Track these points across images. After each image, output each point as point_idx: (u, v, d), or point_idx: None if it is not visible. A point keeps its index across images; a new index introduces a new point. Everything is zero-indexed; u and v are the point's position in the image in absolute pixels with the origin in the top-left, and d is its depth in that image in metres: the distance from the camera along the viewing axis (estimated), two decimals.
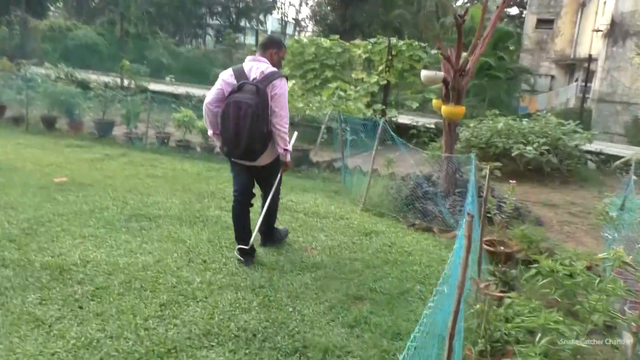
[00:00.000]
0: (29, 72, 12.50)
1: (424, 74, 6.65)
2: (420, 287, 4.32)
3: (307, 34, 36.26)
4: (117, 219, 5.36)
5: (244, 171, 4.62)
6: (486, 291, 3.98)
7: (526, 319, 2.83)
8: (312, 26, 38.97)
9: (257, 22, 46.65)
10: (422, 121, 12.89)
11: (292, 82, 11.64)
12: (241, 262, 4.47)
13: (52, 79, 12.87)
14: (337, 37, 13.48)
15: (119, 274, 4.06)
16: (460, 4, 44.90)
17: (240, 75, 4.29)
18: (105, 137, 9.96)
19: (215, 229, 5.28)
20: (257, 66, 4.35)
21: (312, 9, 41.48)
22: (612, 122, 18.36)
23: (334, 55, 13.25)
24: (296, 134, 5.20)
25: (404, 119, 13.01)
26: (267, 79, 4.23)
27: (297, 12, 43.36)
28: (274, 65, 4.46)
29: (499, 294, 3.93)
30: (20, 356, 2.93)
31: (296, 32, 42.89)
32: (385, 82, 12.49)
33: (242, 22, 44.58)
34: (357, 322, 3.58)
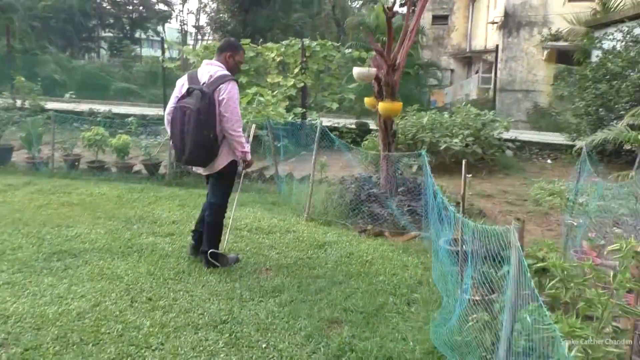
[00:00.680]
0: None
1: (357, 71, 6.39)
2: (392, 299, 4.02)
3: (208, 41, 35.24)
4: (35, 259, 4.62)
5: (207, 181, 4.64)
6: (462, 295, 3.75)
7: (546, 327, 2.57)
8: (212, 34, 37.99)
9: (154, 33, 44.87)
10: (342, 122, 12.73)
11: None
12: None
13: None
14: (249, 41, 12.99)
15: (50, 327, 3.41)
16: (357, 5, 45.88)
17: (192, 80, 4.20)
18: (3, 165, 8.84)
19: (153, 259, 4.68)
20: (207, 70, 4.23)
21: (210, 16, 40.51)
22: (514, 110, 19.24)
23: (246, 60, 12.74)
24: (254, 126, 4.83)
25: (325, 121, 12.77)
26: (214, 83, 4.11)
27: (197, 20, 41.84)
28: (229, 69, 4.33)
29: (476, 298, 3.72)
30: None
31: (198, 40, 41.68)
32: (302, 84, 12.19)
33: (137, 34, 42.64)
34: (342, 350, 3.20)
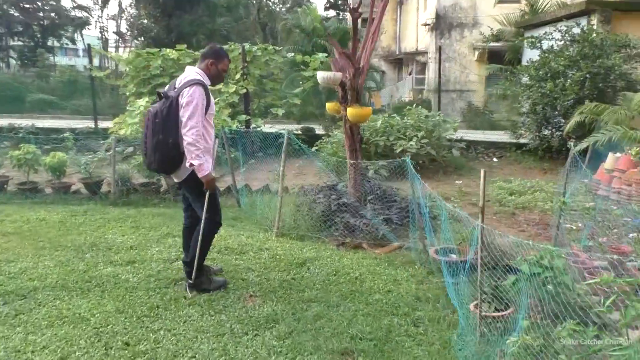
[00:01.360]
0: None
1: (322, 75, 6.04)
2: (397, 320, 3.70)
3: (131, 48, 33.79)
4: None
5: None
6: (478, 312, 3.49)
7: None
8: (135, 40, 36.50)
9: (69, 41, 42.58)
10: (288, 128, 12.33)
11: (145, 100, 10.32)
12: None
13: None
14: (184, 46, 12.33)
15: None
16: (283, 9, 45.65)
17: (171, 86, 4.04)
18: None
19: (119, 294, 4.12)
20: (184, 75, 4.01)
21: (131, 22, 38.97)
22: (450, 110, 19.54)
23: (183, 66, 12.09)
24: (217, 140, 4.32)
25: (269, 127, 12.36)
26: (180, 88, 3.89)
27: (117, 26, 40.12)
28: (211, 77, 4.08)
29: (495, 314, 3.47)
30: None
31: (120, 47, 39.93)
32: (244, 90, 11.69)
33: (50, 42, 40.27)
34: None
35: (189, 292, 4.11)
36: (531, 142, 11.11)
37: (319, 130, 13.64)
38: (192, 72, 4.00)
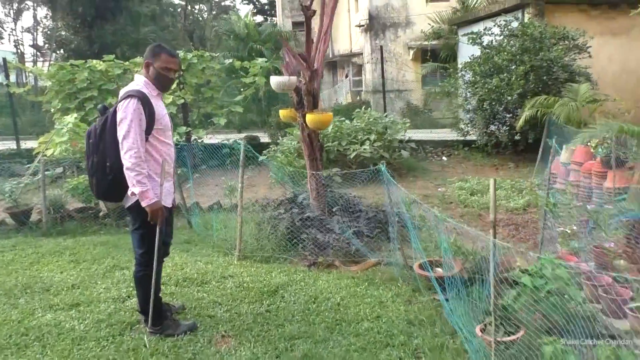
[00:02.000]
0: None
1: (276, 80, 5.55)
2: (396, 353, 3.28)
3: (50, 62, 31.85)
4: None
5: None
6: (485, 337, 3.13)
7: None
8: (54, 53, 34.47)
9: None
10: (232, 138, 11.75)
11: (74, 116, 9.43)
12: None
13: None
14: (113, 57, 11.47)
15: None
16: (209, 16, 44.66)
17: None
18: None
19: (64, 347, 3.47)
20: (128, 86, 3.45)
21: (48, 34, 36.81)
22: (389, 110, 19.45)
23: (113, 78, 11.25)
24: (168, 165, 3.62)
25: (211, 138, 11.72)
26: (117, 102, 3.35)
27: (34, 39, 37.92)
28: (153, 81, 3.46)
29: (509, 339, 3.11)
30: None
31: (39, 61, 37.62)
32: (182, 101, 10.99)
33: None
34: None
35: (149, 339, 3.52)
36: (479, 138, 11.06)
37: (264, 138, 13.10)
38: (133, 82, 3.44)
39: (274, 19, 36.97)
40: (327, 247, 5.13)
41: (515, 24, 10.53)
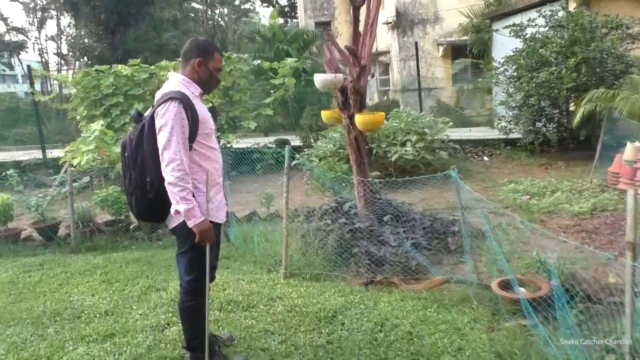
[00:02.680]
0: None
1: (321, 78, 5.05)
2: None
3: (74, 70, 31.87)
4: None
5: None
6: None
7: None
8: (77, 61, 34.55)
9: (4, 66, 40.03)
10: (262, 142, 11.30)
11: (100, 123, 9.06)
12: None
13: None
14: (138, 61, 11.12)
15: None
16: (227, 20, 44.53)
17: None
18: None
19: None
20: (164, 87, 2.91)
21: (71, 42, 36.95)
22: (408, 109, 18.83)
23: (139, 83, 10.89)
24: (217, 174, 3.12)
25: (242, 143, 11.30)
26: (155, 106, 2.82)
27: (58, 47, 38.13)
28: (201, 82, 2.94)
29: None
30: None
31: (63, 69, 37.78)
32: (210, 104, 10.56)
33: None
34: None
35: None
36: (523, 136, 10.42)
37: (294, 141, 12.62)
38: (171, 82, 2.91)
39: (294, 20, 36.57)
40: (383, 263, 4.59)
41: (561, 14, 9.87)
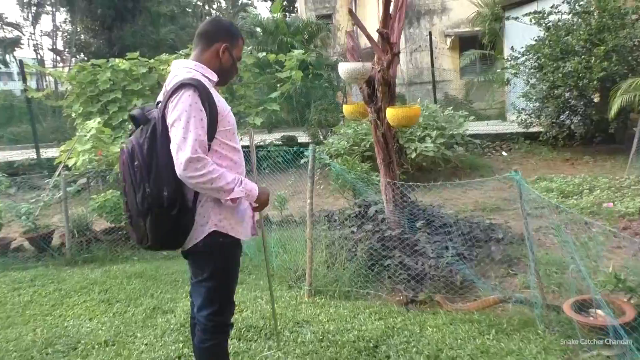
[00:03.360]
0: None
1: (347, 67, 4.45)
2: None
3: (70, 66, 31.18)
4: None
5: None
6: None
7: None
8: (74, 57, 33.88)
9: (1, 64, 39.32)
10: (268, 138, 10.71)
11: (97, 121, 8.44)
12: None
13: None
14: (137, 54, 10.50)
15: None
16: (226, 14, 43.79)
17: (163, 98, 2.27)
18: None
19: None
20: (171, 75, 2.29)
21: (67, 38, 36.25)
22: (428, 103, 18.25)
23: (138, 77, 10.27)
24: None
25: (245, 140, 10.69)
26: (165, 99, 2.21)
27: (53, 43, 37.52)
28: (221, 72, 2.37)
29: None
30: None
31: (59, 66, 37.10)
32: None
33: None
34: None
35: None
36: (546, 130, 9.83)
37: (301, 138, 12.01)
38: (181, 69, 2.29)
39: (292, 14, 35.87)
40: (424, 277, 4.01)
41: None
